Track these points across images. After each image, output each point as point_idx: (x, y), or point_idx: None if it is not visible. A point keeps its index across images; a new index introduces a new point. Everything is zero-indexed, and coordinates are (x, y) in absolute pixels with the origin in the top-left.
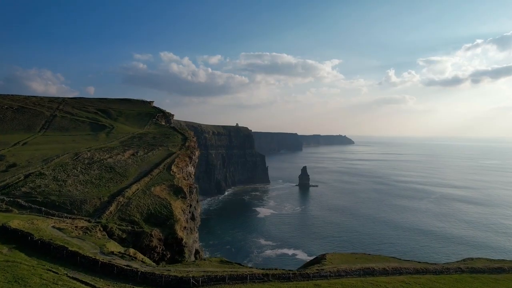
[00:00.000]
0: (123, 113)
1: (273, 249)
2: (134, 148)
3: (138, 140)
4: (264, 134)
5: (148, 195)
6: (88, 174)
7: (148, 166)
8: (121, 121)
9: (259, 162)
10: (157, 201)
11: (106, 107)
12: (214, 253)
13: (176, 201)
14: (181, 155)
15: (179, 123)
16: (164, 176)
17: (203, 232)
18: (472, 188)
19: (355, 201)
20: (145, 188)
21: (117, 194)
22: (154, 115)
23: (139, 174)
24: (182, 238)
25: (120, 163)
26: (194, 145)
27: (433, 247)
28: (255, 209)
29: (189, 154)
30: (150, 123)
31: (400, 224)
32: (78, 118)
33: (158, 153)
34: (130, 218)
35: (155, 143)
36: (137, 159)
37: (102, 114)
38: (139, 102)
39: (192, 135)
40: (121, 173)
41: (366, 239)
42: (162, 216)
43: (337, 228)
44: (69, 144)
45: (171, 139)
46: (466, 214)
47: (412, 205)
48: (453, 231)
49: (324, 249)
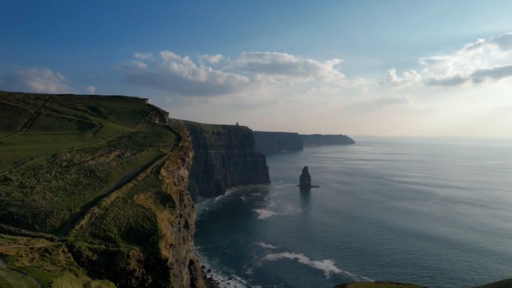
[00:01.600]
0: (115, 111)
1: (274, 253)
2: (121, 149)
3: (127, 140)
4: (264, 134)
5: (129, 205)
6: (62, 179)
7: (134, 170)
8: (112, 119)
9: (260, 162)
10: (140, 212)
11: (97, 105)
12: (213, 257)
13: (163, 211)
14: (172, 156)
15: (177, 122)
16: (151, 181)
17: (202, 235)
18: (477, 189)
19: (358, 203)
20: (127, 196)
21: (93, 203)
22: (148, 113)
23: (122, 179)
24: (167, 258)
25: (103, 166)
26: (189, 146)
27: (448, 257)
28: (255, 211)
29: (182, 155)
30: (142, 122)
31: (408, 230)
32: (64, 116)
33: (147, 154)
34: (105, 234)
35: (145, 143)
36: (122, 161)
37: (91, 112)
38: (132, 99)
39: (187, 134)
40: (101, 177)
41: (372, 245)
42: (144, 231)
43: (340, 232)
44: (49, 144)
45: (163, 139)
46: (475, 218)
47: (417, 208)
48: (462, 237)
49: (327, 255)
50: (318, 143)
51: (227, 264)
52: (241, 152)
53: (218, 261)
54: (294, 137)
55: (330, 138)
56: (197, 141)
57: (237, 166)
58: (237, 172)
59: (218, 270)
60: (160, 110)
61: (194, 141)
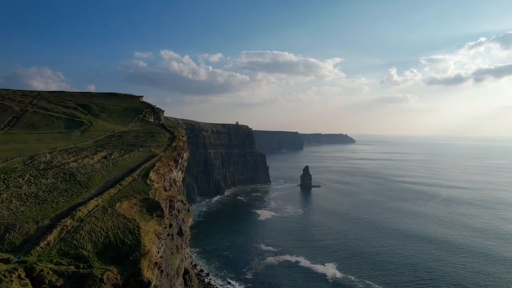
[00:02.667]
0: (107, 108)
1: (274, 255)
2: (108, 149)
3: (117, 139)
4: (264, 133)
5: (109, 215)
6: (36, 184)
7: (119, 173)
8: (103, 117)
9: (260, 162)
10: (121, 223)
11: (88, 102)
12: (211, 260)
13: (149, 222)
14: (164, 158)
15: (176, 120)
16: (137, 186)
17: (200, 237)
18: (481, 189)
19: (360, 204)
20: (108, 204)
21: (66, 214)
22: (142, 111)
23: (105, 184)
24: (149, 280)
25: (85, 169)
26: (183, 146)
27: (454, 261)
28: (255, 211)
29: (175, 156)
30: (136, 120)
31: (411, 233)
32: (52, 114)
33: (137, 155)
34: (76, 251)
35: (136, 143)
36: (108, 163)
37: (82, 110)
38: (126, 96)
39: (182, 133)
40: (82, 182)
41: (375, 248)
42: (125, 247)
43: (342, 234)
44: (31, 144)
45: (156, 139)
46: (480, 220)
47: (420, 209)
48: (468, 240)
49: (329, 258)
50: (318, 142)
51: (226, 268)
52: (241, 151)
53: (217, 265)
54: (294, 136)
55: (331, 137)
56: (196, 140)
57: (237, 165)
58: (237, 172)
59: (217, 274)
60: (155, 108)
61: (193, 140)
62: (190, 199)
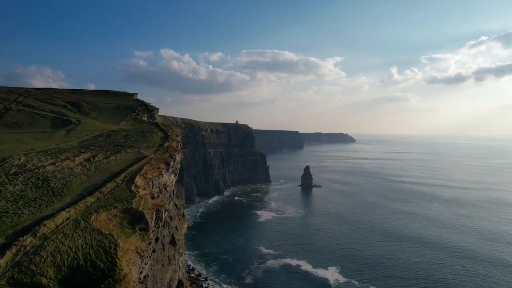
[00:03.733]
0: (98, 106)
1: (275, 258)
2: (93, 150)
3: (105, 139)
4: (265, 132)
5: (81, 230)
6: (0, 192)
7: (101, 177)
8: (93, 115)
9: (260, 161)
10: (95, 240)
11: (78, 100)
12: (210, 264)
13: (130, 237)
14: (154, 160)
15: (174, 119)
16: (120, 193)
17: (199, 239)
18: (485, 190)
19: (362, 206)
20: (83, 216)
21: (27, 229)
22: (135, 109)
23: (83, 191)
24: None
25: (63, 173)
26: (177, 146)
27: (460, 268)
28: (255, 212)
29: (166, 158)
30: (128, 119)
31: (416, 237)
32: (38, 112)
33: (124, 157)
34: (33, 279)
35: (124, 143)
36: (90, 167)
37: (71, 108)
38: (120, 94)
39: (176, 133)
40: (56, 188)
41: (378, 252)
42: (96, 272)
43: (344, 237)
44: (10, 144)
45: (147, 139)
46: (485, 223)
47: (424, 211)
48: (473, 244)
49: (331, 262)
50: (319, 141)
51: (225, 272)
52: (241, 151)
53: (215, 268)
54: (294, 135)
55: (331, 137)
56: (195, 140)
57: (237, 165)
58: (237, 172)
59: (215, 279)
60: (149, 105)
61: (192, 140)
62: (189, 199)
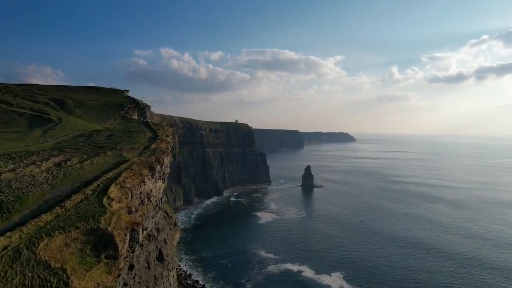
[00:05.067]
0: (84, 104)
1: (275, 263)
2: (68, 153)
3: (85, 140)
4: (265, 132)
5: (21, 265)
6: None
7: (68, 187)
8: (78, 113)
9: (260, 161)
10: (37, 279)
11: (64, 97)
12: (208, 269)
13: (91, 271)
14: (136, 164)
15: (173, 119)
16: (86, 208)
17: (197, 242)
18: (490, 190)
19: (365, 208)
20: (28, 242)
21: None
22: (124, 107)
23: (41, 205)
24: None
25: (21, 182)
26: (166, 148)
27: (468, 276)
28: (255, 214)
29: (151, 162)
30: (115, 117)
31: (421, 242)
32: (16, 110)
33: (102, 161)
34: None
35: (106, 145)
36: (57, 174)
37: (54, 105)
38: (109, 91)
39: (167, 133)
40: (6, 202)
41: (383, 257)
42: None
43: (348, 240)
44: None
45: (133, 139)
46: (492, 226)
47: (428, 214)
48: (480, 250)
49: (335, 267)
50: (319, 141)
51: (224, 278)
52: (241, 150)
53: (214, 274)
54: (295, 135)
55: (332, 136)
56: (194, 139)
57: (236, 165)
58: (236, 172)
59: (213, 286)
60: (140, 103)
61: (191, 139)
62: (187, 200)
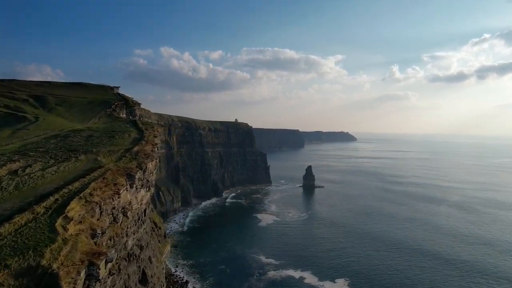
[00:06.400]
0: (68, 101)
1: (276, 269)
2: (30, 158)
3: (58, 141)
4: (265, 131)
5: None
6: None
7: (15, 204)
8: (59, 111)
9: (260, 161)
10: None
11: (46, 93)
12: (205, 276)
13: None
14: (112, 171)
15: (170, 118)
16: (30, 234)
17: (194, 246)
18: (493, 191)
19: (368, 210)
20: None
21: None
22: (112, 104)
23: None
24: None
25: None
26: (151, 151)
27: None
28: (255, 216)
29: (130, 169)
30: (101, 115)
31: (428, 250)
32: None
33: (71, 167)
34: None
35: (81, 147)
36: (8, 185)
37: (33, 102)
38: (97, 87)
39: (155, 133)
40: None
41: (390, 263)
42: None
43: (353, 244)
44: None
45: (114, 140)
46: (501, 231)
47: (433, 219)
48: (491, 258)
49: (339, 273)
50: (319, 140)
51: (223, 285)
52: (240, 150)
53: (212, 281)
54: (295, 134)
55: (332, 135)
56: (193, 139)
57: (236, 165)
58: (236, 172)
59: None
60: (129, 100)
61: (189, 139)
62: (185, 201)
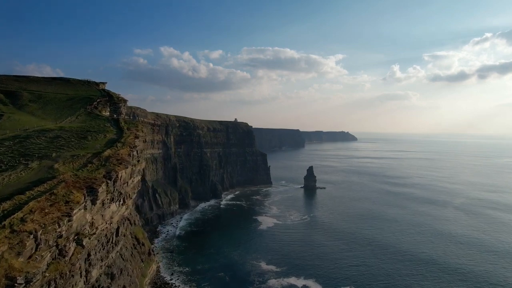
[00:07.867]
0: (44, 97)
1: (277, 277)
2: None
3: (15, 144)
4: (265, 131)
5: None
6: None
7: None
8: (31, 109)
9: (260, 161)
10: None
11: (20, 89)
12: (202, 284)
13: None
14: (66, 184)
15: (168, 117)
16: None
17: (191, 252)
18: (499, 193)
19: (373, 214)
20: None
21: None
22: (93, 101)
23: None
24: None
25: None
26: (126, 156)
27: None
28: (255, 218)
29: (92, 180)
30: (80, 113)
31: (436, 259)
32: None
33: (13, 179)
34: None
35: (39, 151)
36: None
37: (3, 98)
38: (80, 83)
39: (137, 133)
40: None
41: (399, 272)
42: None
43: (357, 249)
44: None
45: (85, 143)
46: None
47: (440, 225)
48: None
49: (345, 281)
50: (320, 140)
51: None
52: (240, 150)
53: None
54: (295, 134)
55: (332, 135)
56: (191, 139)
57: (236, 166)
58: (236, 173)
59: None
60: (114, 97)
61: (187, 139)
62: (183, 204)
